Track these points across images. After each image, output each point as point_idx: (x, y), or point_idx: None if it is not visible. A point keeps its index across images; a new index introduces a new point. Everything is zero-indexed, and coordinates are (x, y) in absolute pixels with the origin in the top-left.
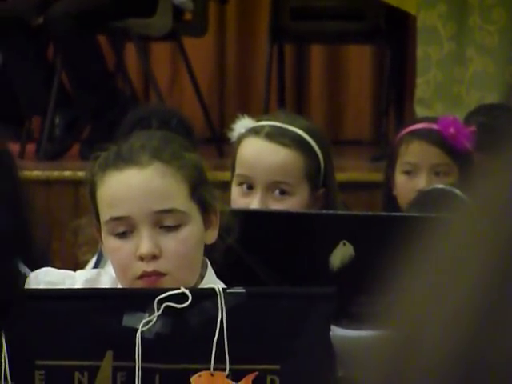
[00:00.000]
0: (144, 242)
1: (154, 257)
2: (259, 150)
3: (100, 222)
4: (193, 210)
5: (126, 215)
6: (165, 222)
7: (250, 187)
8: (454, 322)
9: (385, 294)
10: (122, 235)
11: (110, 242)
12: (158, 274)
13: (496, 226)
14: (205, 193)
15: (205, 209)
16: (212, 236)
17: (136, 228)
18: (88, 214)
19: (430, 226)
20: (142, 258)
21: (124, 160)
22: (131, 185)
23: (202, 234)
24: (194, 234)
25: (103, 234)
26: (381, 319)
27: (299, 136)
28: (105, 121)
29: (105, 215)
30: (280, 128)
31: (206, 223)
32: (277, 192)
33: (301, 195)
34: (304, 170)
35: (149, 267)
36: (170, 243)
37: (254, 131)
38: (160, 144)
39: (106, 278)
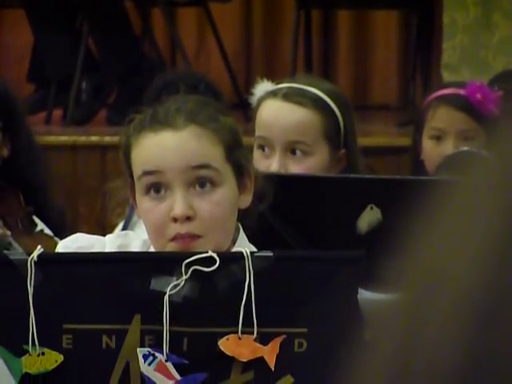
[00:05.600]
0: (178, 203)
1: (188, 218)
2: (276, 111)
3: (134, 183)
4: (228, 172)
5: (159, 170)
6: (199, 181)
7: (269, 149)
8: (470, 282)
9: (406, 258)
10: (156, 196)
11: (143, 203)
12: (192, 236)
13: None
14: (240, 157)
15: (240, 173)
16: (246, 200)
17: (170, 188)
18: (121, 176)
19: (455, 189)
20: (175, 220)
21: (160, 122)
22: (166, 145)
23: (236, 197)
24: (228, 196)
25: (137, 196)
26: (401, 282)
27: (317, 96)
28: (131, 86)
29: (138, 172)
30: (298, 89)
31: (241, 187)
32: (295, 152)
33: (320, 155)
34: (322, 129)
35: (182, 229)
36: (205, 205)
37: (271, 93)
38: (196, 107)
39: (136, 242)
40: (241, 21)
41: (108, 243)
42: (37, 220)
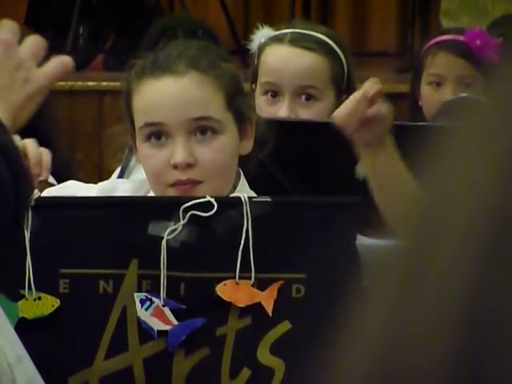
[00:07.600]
0: (179, 150)
1: (189, 165)
2: (285, 56)
3: (135, 129)
4: (228, 120)
5: (161, 122)
6: (200, 129)
7: (277, 95)
8: (468, 228)
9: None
10: (157, 143)
11: (143, 150)
12: (193, 182)
13: (508, 129)
14: (241, 103)
15: (240, 119)
16: (247, 146)
17: (170, 136)
18: (118, 121)
19: (454, 134)
20: (176, 167)
21: (161, 68)
22: (167, 93)
23: (237, 144)
24: (229, 143)
25: (137, 142)
26: (400, 228)
27: (322, 40)
28: (129, 32)
29: (139, 121)
30: (303, 33)
31: (241, 133)
32: (304, 97)
33: (328, 100)
34: (330, 73)
35: (183, 176)
36: (206, 152)
37: (276, 39)
38: (197, 53)
39: (124, 185)
40: None
41: (96, 189)
42: None
